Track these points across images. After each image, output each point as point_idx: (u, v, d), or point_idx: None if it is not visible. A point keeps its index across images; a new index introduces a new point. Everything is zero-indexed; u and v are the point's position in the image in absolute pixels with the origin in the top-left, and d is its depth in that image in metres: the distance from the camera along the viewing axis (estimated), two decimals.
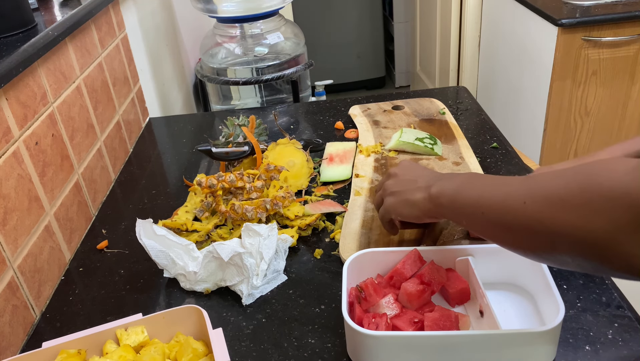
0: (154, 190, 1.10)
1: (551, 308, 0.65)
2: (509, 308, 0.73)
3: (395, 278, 0.72)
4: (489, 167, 1.05)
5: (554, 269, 0.79)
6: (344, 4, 3.54)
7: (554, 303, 0.64)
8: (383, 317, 0.66)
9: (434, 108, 1.27)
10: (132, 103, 1.30)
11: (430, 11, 2.94)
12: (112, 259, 0.92)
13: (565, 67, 1.86)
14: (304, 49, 1.69)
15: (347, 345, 0.68)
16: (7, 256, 0.75)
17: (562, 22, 1.78)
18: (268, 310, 0.78)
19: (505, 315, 0.71)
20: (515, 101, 2.23)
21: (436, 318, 0.65)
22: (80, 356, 0.64)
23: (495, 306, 0.70)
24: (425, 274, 0.70)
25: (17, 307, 0.77)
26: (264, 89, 1.74)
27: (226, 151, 1.02)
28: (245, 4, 1.53)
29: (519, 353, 0.63)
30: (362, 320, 0.67)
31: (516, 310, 0.72)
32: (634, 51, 1.83)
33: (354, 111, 1.30)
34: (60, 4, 1.03)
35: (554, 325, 0.61)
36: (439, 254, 0.74)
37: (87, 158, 1.03)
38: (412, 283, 0.69)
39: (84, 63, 1.05)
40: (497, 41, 2.37)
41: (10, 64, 0.76)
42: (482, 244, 0.75)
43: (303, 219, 0.91)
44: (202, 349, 0.65)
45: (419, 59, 3.34)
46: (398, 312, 0.68)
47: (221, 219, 0.93)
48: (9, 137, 0.78)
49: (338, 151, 1.12)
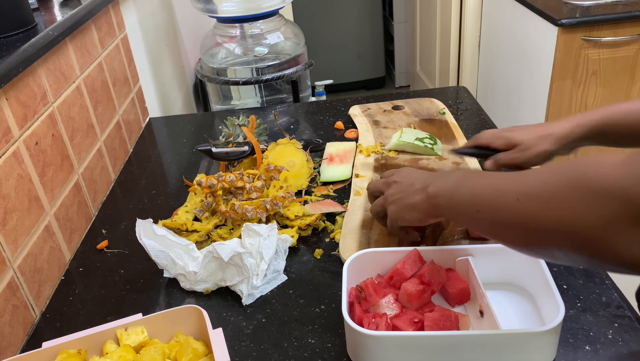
0: (154, 190, 1.10)
1: (551, 308, 0.65)
2: (508, 307, 0.73)
3: (395, 278, 0.72)
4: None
5: (554, 268, 0.79)
6: (344, 4, 3.54)
7: (553, 303, 0.64)
8: (383, 317, 0.66)
9: (434, 108, 1.27)
10: (132, 103, 1.30)
11: (430, 11, 2.94)
12: (112, 259, 0.92)
13: (565, 67, 1.86)
14: (304, 49, 1.69)
15: (347, 345, 0.68)
16: (7, 256, 0.75)
17: (562, 22, 1.78)
18: (268, 310, 0.78)
19: (505, 314, 0.71)
20: (515, 101, 2.23)
21: (436, 318, 0.65)
22: (80, 356, 0.64)
23: (495, 306, 0.70)
24: (425, 275, 0.70)
25: (17, 307, 0.77)
26: (264, 89, 1.74)
27: (226, 151, 1.02)
28: (245, 4, 1.53)
29: (518, 353, 0.63)
30: (362, 320, 0.67)
31: (516, 309, 0.72)
32: (634, 51, 1.83)
33: (354, 111, 1.30)
34: (60, 4, 1.03)
35: (554, 325, 0.61)
36: (438, 254, 0.74)
37: (87, 158, 1.03)
38: (412, 283, 0.69)
39: (84, 63, 1.05)
40: (497, 41, 2.37)
41: (10, 64, 0.76)
42: (481, 245, 0.75)
43: (303, 219, 0.91)
44: (202, 349, 0.65)
45: (419, 59, 3.34)
46: (398, 312, 0.68)
47: (221, 219, 0.93)
48: (9, 137, 0.78)
49: (338, 151, 1.12)
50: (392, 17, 3.58)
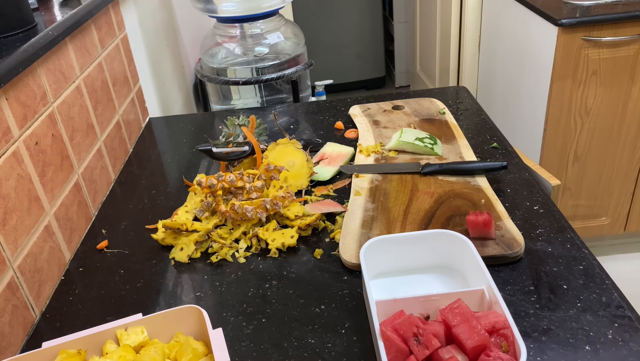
0: (154, 190, 1.10)
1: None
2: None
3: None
4: None
5: (554, 268, 0.79)
6: (344, 4, 3.54)
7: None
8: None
9: (434, 108, 1.27)
10: (132, 103, 1.30)
11: (430, 11, 2.94)
12: (112, 259, 0.92)
13: (565, 67, 1.86)
14: (304, 49, 1.69)
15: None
16: (7, 256, 0.75)
17: (562, 22, 1.78)
18: (268, 310, 0.78)
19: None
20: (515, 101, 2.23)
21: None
22: (80, 356, 0.64)
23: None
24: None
25: (17, 307, 0.77)
26: (264, 89, 1.74)
27: (226, 151, 1.02)
28: (245, 4, 1.53)
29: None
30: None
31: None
32: (634, 51, 1.83)
33: (354, 111, 1.30)
34: (60, 4, 1.03)
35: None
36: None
37: (87, 158, 1.03)
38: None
39: (84, 63, 1.05)
40: (497, 41, 2.37)
41: (10, 64, 0.76)
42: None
43: (303, 219, 0.91)
44: (202, 349, 0.65)
45: (419, 59, 3.34)
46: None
47: (221, 219, 0.93)
48: (9, 137, 0.78)
49: (332, 152, 1.12)
50: (392, 17, 3.58)
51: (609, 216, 2.14)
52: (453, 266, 0.80)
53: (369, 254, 0.76)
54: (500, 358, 0.58)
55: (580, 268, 0.79)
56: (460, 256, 0.77)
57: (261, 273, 0.85)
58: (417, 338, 0.61)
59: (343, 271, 0.83)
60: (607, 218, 2.14)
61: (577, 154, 2.01)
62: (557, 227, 0.88)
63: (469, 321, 0.62)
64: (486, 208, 0.92)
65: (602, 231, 2.17)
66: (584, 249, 0.83)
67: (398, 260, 0.80)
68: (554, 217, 0.90)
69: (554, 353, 0.67)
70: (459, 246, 0.77)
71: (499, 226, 0.86)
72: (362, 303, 0.77)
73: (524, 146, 2.14)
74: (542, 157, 2.03)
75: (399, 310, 0.67)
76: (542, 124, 1.98)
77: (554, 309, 0.73)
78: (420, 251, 0.80)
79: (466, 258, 0.76)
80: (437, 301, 0.68)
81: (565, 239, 0.85)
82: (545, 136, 1.99)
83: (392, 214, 0.92)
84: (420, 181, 1.01)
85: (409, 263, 0.81)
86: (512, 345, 0.61)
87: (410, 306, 0.68)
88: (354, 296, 0.78)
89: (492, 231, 0.83)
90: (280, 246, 0.88)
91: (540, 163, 2.04)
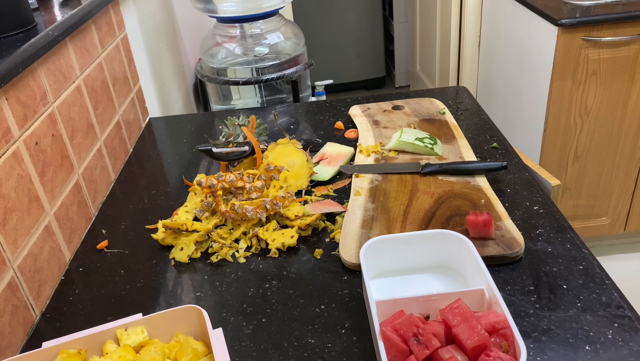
0: (154, 190, 1.10)
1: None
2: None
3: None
4: None
5: (554, 268, 0.79)
6: (344, 4, 3.54)
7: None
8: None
9: (434, 108, 1.27)
10: (132, 103, 1.30)
11: (430, 11, 2.94)
12: (112, 259, 0.92)
13: (565, 67, 1.86)
14: (304, 49, 1.69)
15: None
16: (7, 256, 0.75)
17: (562, 22, 1.78)
18: (268, 310, 0.78)
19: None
20: (515, 101, 2.23)
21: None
22: (80, 356, 0.64)
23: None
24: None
25: (17, 307, 0.77)
26: (264, 89, 1.74)
27: (227, 151, 1.02)
28: (245, 4, 1.53)
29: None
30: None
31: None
32: (634, 51, 1.83)
33: (354, 111, 1.30)
34: (60, 4, 1.03)
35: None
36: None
37: (87, 158, 1.03)
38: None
39: (84, 63, 1.05)
40: (497, 41, 2.37)
41: (10, 64, 0.76)
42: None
43: (303, 219, 0.91)
44: (202, 349, 0.65)
45: (419, 59, 3.34)
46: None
47: (221, 219, 0.93)
48: (9, 137, 0.78)
49: (332, 152, 1.12)
50: (392, 17, 3.58)
51: (608, 216, 2.14)
52: (453, 266, 0.80)
53: (369, 254, 0.76)
54: (500, 358, 0.58)
55: (580, 268, 0.79)
56: (460, 256, 0.78)
57: (261, 273, 0.85)
58: (417, 338, 0.61)
59: (343, 271, 0.83)
60: (607, 218, 2.14)
61: (577, 154, 2.01)
62: (557, 227, 0.88)
63: (469, 321, 0.62)
64: (486, 208, 0.92)
65: (602, 231, 2.17)
66: (584, 249, 0.83)
67: (398, 260, 0.80)
68: (554, 217, 0.90)
69: (553, 353, 0.67)
70: (458, 246, 0.77)
71: (499, 226, 0.86)
72: (362, 303, 0.77)
73: (524, 146, 2.14)
74: (542, 158, 2.03)
75: (399, 309, 0.67)
76: (542, 124, 1.98)
77: (554, 309, 0.73)
78: (420, 251, 0.80)
79: (466, 258, 0.76)
80: (437, 301, 0.68)
81: (565, 239, 0.85)
82: (545, 136, 1.99)
83: (392, 214, 0.92)
84: (420, 181, 1.01)
85: (408, 263, 0.81)
86: (512, 344, 0.61)
87: (410, 306, 0.68)
88: (354, 296, 0.78)
89: (492, 231, 0.83)
90: (280, 246, 0.88)
91: (540, 163, 2.04)
